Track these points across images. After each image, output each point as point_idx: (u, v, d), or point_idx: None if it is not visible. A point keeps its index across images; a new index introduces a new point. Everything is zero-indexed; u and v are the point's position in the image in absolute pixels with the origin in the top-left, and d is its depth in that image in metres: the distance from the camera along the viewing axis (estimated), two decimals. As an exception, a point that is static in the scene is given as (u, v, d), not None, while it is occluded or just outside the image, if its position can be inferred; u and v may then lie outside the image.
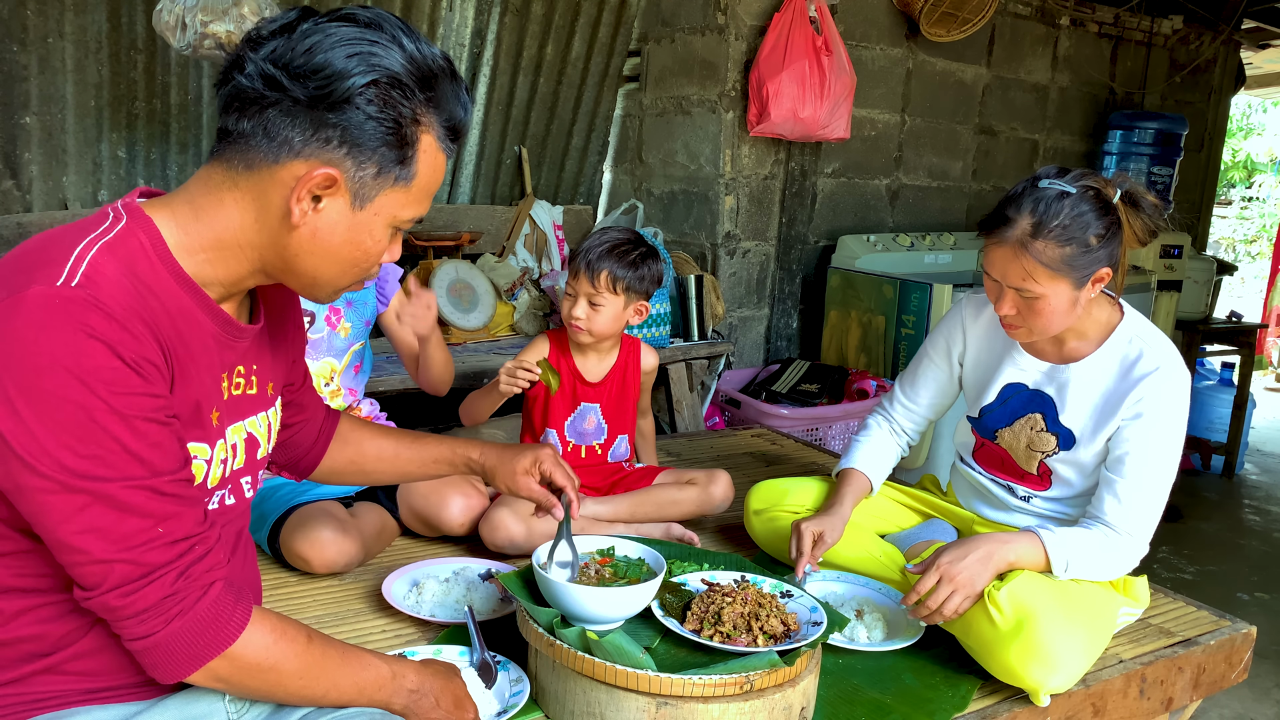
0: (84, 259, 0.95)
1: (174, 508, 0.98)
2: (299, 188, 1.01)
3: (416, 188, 1.07)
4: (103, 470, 0.93)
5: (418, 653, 1.48)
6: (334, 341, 2.11)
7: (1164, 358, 1.70)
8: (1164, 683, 1.73)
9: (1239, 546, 4.23)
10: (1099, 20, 4.78)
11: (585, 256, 2.07)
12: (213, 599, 1.01)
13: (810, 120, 3.46)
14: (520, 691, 1.41)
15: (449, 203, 3.71)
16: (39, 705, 1.05)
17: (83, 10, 2.82)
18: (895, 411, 2.06)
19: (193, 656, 1.00)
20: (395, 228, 1.09)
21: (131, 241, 1.00)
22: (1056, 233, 1.60)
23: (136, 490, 0.95)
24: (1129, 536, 1.68)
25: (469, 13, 3.50)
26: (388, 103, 1.00)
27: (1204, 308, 4.87)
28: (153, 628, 0.98)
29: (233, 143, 1.02)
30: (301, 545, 1.82)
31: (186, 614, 0.99)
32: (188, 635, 0.99)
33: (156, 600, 0.97)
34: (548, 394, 2.15)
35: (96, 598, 0.96)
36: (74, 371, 0.91)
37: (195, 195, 1.05)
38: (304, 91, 0.98)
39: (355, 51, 0.98)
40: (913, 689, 1.56)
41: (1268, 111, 12.33)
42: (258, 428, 1.20)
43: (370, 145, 1.01)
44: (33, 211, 2.91)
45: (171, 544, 0.98)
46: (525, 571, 1.61)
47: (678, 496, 2.14)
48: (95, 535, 0.94)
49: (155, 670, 1.01)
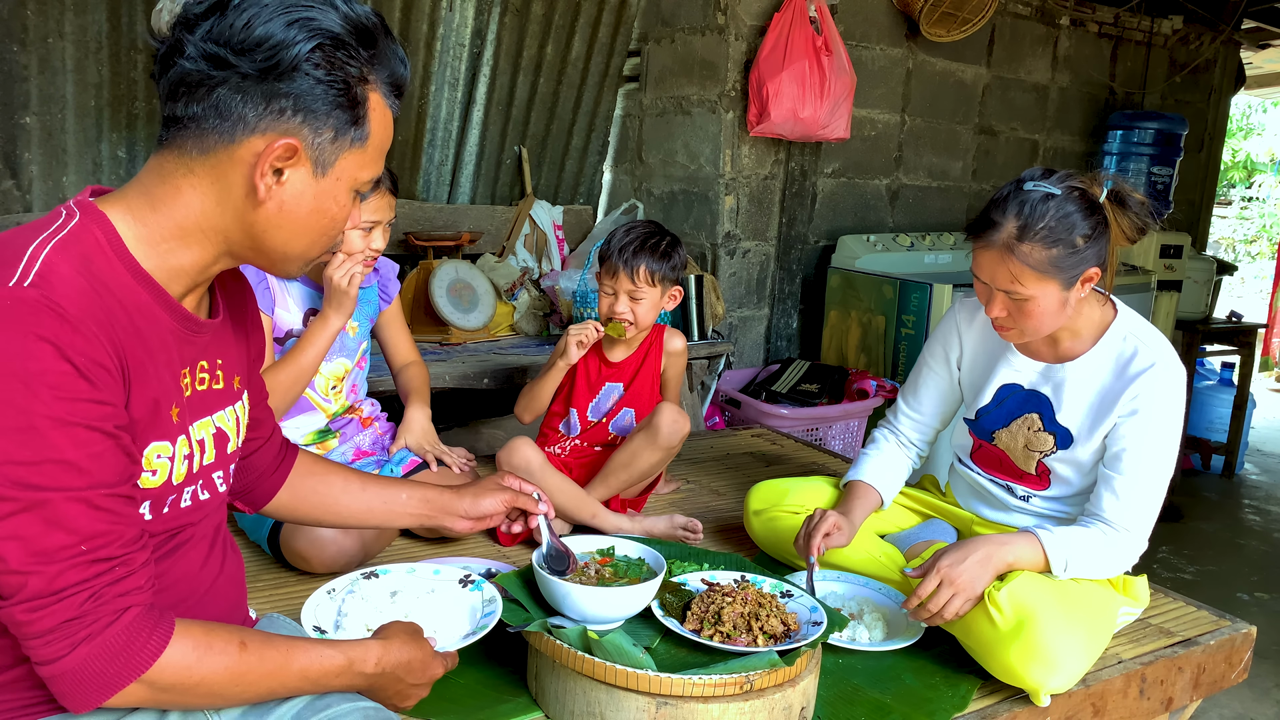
0: (37, 258, 0.93)
1: (104, 525, 0.94)
2: (261, 162, 1.00)
3: (371, 147, 1.07)
4: (36, 478, 0.90)
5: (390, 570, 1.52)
6: (345, 341, 2.11)
7: (1159, 354, 1.70)
8: (1164, 683, 1.73)
9: (1239, 546, 4.23)
10: (1099, 20, 4.78)
11: (620, 255, 2.15)
12: (125, 624, 0.95)
13: (810, 120, 3.46)
14: (491, 613, 1.41)
15: (449, 203, 3.71)
16: (30, 710, 1.04)
17: (83, 10, 2.82)
18: (900, 424, 2.04)
19: (103, 684, 0.94)
20: (355, 191, 1.09)
21: (86, 238, 0.98)
22: (1042, 235, 1.61)
23: (70, 502, 0.92)
24: (1127, 533, 1.68)
25: (469, 13, 3.50)
26: (334, 64, 0.99)
27: (1204, 308, 4.88)
28: (58, 651, 0.93)
29: (183, 128, 1.00)
30: (301, 544, 1.82)
31: (95, 639, 0.93)
32: (96, 663, 0.94)
33: (61, 621, 0.92)
34: (572, 376, 2.25)
35: (5, 609, 0.92)
36: (18, 374, 0.88)
37: (149, 186, 1.03)
38: (252, 65, 0.97)
39: (294, 18, 0.97)
40: (913, 689, 1.56)
41: (1268, 111, 12.34)
42: (226, 422, 1.18)
43: (324, 110, 1.00)
44: (32, 211, 2.91)
45: (91, 563, 0.94)
46: (525, 571, 1.61)
47: (632, 449, 2.15)
48: (15, 544, 0.90)
49: (65, 699, 0.95)
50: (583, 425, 2.29)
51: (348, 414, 2.15)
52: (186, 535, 1.14)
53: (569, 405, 2.28)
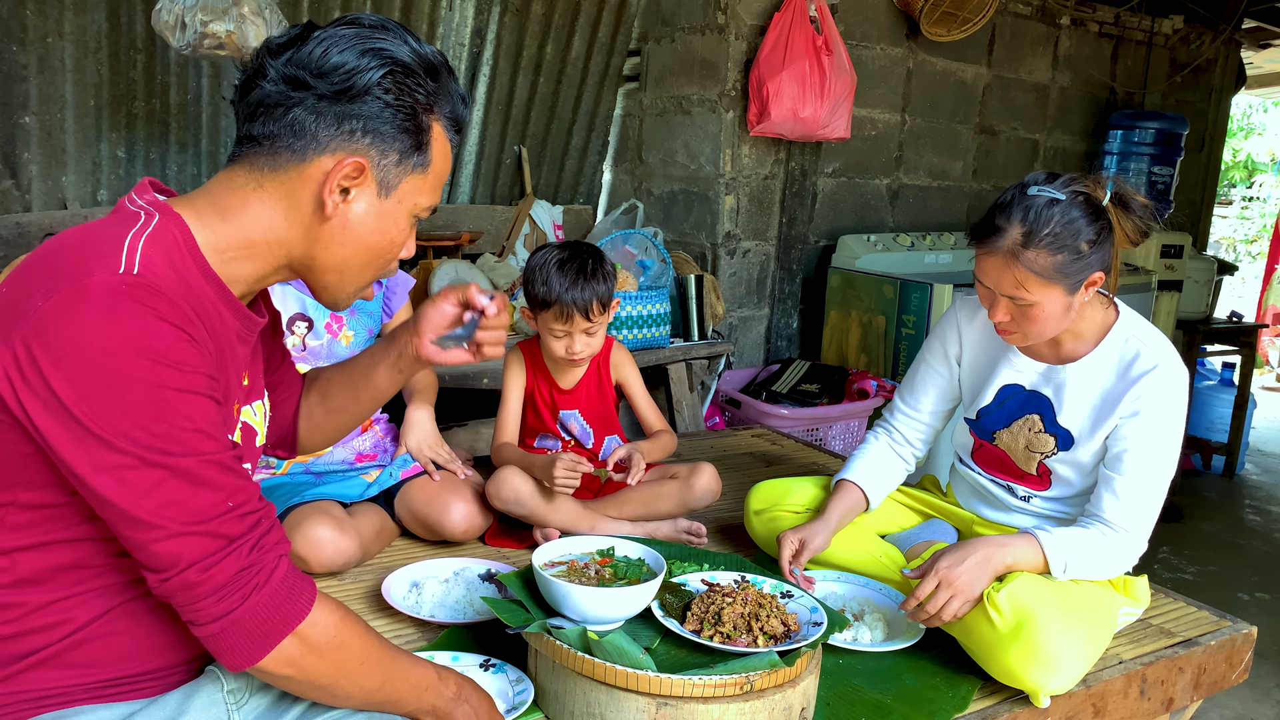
0: (135, 250, 0.99)
1: (240, 482, 1.01)
2: (330, 179, 1.06)
3: (433, 174, 1.13)
4: (176, 446, 0.96)
5: (433, 657, 1.47)
6: (334, 349, 2.09)
7: (1161, 356, 1.70)
8: (1164, 683, 1.73)
9: (1239, 546, 4.23)
10: (1099, 20, 4.78)
11: (568, 295, 1.99)
12: (284, 572, 1.02)
13: (810, 120, 3.46)
14: (524, 690, 1.41)
15: (449, 203, 3.71)
16: (42, 703, 1.05)
17: (82, 10, 2.82)
18: (897, 421, 2.03)
19: (268, 633, 1.00)
20: (414, 217, 1.15)
21: (168, 237, 1.03)
22: (1048, 241, 1.60)
23: (207, 465, 0.97)
24: (1127, 534, 1.68)
25: (469, 13, 3.50)
26: (403, 90, 1.07)
27: (1204, 308, 4.87)
28: (231, 604, 0.98)
29: (257, 145, 1.07)
30: (299, 544, 1.81)
31: (263, 588, 1.00)
32: (264, 611, 1.00)
33: (234, 573, 0.98)
34: (533, 408, 2.18)
35: (175, 576, 0.97)
36: (144, 353, 0.94)
37: (218, 197, 1.09)
38: (328, 87, 1.04)
39: (368, 48, 1.05)
40: (913, 689, 1.56)
41: (1268, 111, 12.33)
42: (253, 416, 1.23)
43: (390, 133, 1.07)
44: (32, 211, 2.91)
45: (243, 516, 1.00)
46: (525, 571, 1.61)
47: (660, 491, 2.12)
48: (173, 509, 0.96)
49: (233, 653, 1.00)
50: (563, 446, 2.21)
51: None
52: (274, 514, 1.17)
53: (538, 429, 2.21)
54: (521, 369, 2.18)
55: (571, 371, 2.18)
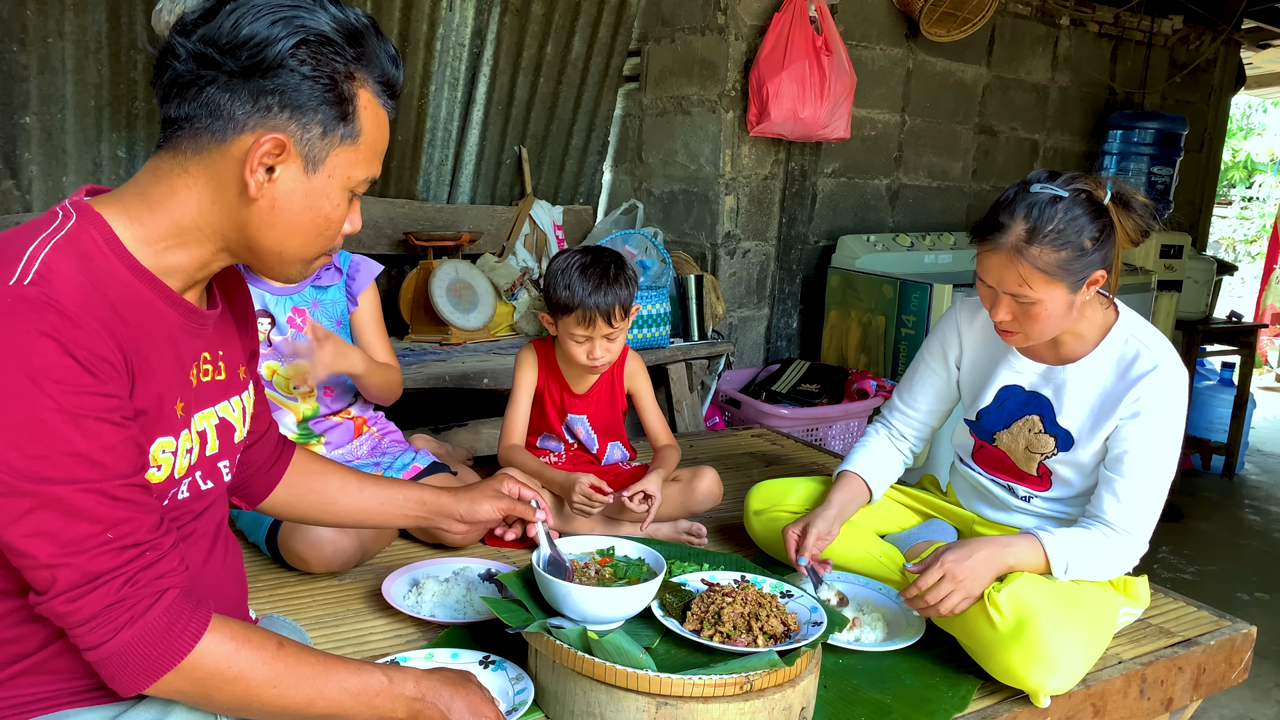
0: (36, 258, 0.94)
1: (125, 513, 0.96)
2: (250, 158, 1.01)
3: (364, 145, 1.08)
4: (51, 472, 0.91)
5: (409, 658, 1.48)
6: (298, 344, 2.05)
7: (1161, 356, 1.70)
8: (1164, 683, 1.73)
9: (1239, 546, 4.23)
10: (1099, 20, 4.78)
11: (591, 299, 1.98)
12: (164, 607, 0.98)
13: (810, 120, 3.46)
14: (524, 690, 1.41)
15: (449, 203, 3.71)
16: (27, 708, 1.05)
17: (83, 10, 2.82)
18: (894, 419, 2.04)
19: (147, 668, 0.97)
20: (351, 190, 1.10)
21: (84, 238, 0.99)
22: (1051, 238, 1.60)
23: (87, 494, 0.93)
24: (1128, 535, 1.68)
25: (469, 13, 3.50)
26: (320, 60, 1.01)
27: (1204, 308, 4.88)
28: (102, 637, 0.95)
29: (177, 129, 1.03)
30: (299, 544, 1.81)
31: (137, 622, 0.96)
32: (139, 645, 0.96)
33: (101, 608, 0.94)
34: (539, 405, 2.16)
35: (45, 603, 0.95)
36: (24, 370, 0.89)
37: (145, 186, 1.05)
38: (237, 63, 0.99)
39: (279, 17, 1.00)
40: (913, 689, 1.56)
41: (1268, 111, 12.34)
42: (230, 412, 1.19)
43: (310, 105, 1.02)
44: (32, 211, 2.91)
45: (120, 550, 0.95)
46: (525, 571, 1.61)
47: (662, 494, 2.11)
48: (42, 539, 0.92)
49: (113, 682, 0.98)
50: (566, 449, 2.22)
51: (331, 416, 2.12)
52: (189, 530, 1.15)
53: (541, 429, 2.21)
54: (534, 368, 2.15)
55: (585, 377, 2.16)
